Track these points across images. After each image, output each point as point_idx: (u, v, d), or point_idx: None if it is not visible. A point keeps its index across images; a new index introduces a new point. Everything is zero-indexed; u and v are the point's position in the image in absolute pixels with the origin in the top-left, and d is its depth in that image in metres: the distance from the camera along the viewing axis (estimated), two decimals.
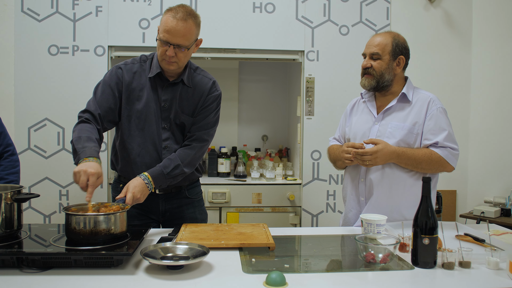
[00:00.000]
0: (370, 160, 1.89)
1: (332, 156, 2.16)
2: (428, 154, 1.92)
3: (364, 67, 2.02)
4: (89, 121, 1.84)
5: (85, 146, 1.69)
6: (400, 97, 2.01)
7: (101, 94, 1.90)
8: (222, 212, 3.19)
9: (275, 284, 1.25)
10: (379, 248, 1.48)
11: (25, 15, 3.01)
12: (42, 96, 3.03)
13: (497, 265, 1.42)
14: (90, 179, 1.59)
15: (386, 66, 1.99)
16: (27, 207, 3.05)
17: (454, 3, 3.33)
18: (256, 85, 3.98)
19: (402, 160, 1.92)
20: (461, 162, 3.40)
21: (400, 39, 2.04)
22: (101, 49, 3.06)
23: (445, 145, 1.92)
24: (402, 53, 2.02)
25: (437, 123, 1.94)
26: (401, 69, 2.03)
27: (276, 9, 3.18)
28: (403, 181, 1.96)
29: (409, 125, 1.96)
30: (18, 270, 1.37)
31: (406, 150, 1.92)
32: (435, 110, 1.96)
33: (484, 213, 2.96)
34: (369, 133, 2.03)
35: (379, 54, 1.98)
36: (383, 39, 2.01)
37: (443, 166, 1.94)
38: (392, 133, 1.96)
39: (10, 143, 2.39)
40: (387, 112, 2.02)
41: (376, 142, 1.90)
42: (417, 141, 1.96)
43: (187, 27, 1.80)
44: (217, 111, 2.03)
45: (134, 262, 1.45)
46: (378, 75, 1.99)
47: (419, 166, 1.93)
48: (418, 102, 1.99)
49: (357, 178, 2.06)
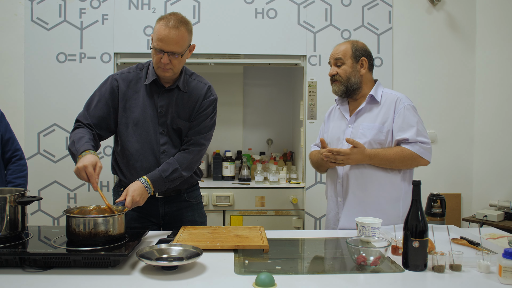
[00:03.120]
0: (343, 160, 1.98)
1: (314, 161, 2.25)
2: (400, 152, 2.00)
3: (331, 75, 2.14)
4: (81, 126, 1.93)
5: (78, 146, 1.79)
6: (369, 98, 2.11)
7: (95, 104, 1.97)
8: (226, 215, 3.23)
9: (263, 285, 1.29)
10: (370, 251, 1.50)
11: (34, 24, 3.10)
12: (51, 102, 3.12)
13: (488, 269, 1.44)
14: (87, 171, 1.68)
15: (350, 70, 2.09)
16: (37, 210, 3.13)
17: (457, 6, 3.33)
18: (260, 90, 4.02)
19: (375, 161, 2.01)
20: (466, 165, 3.41)
21: (358, 44, 2.15)
22: (107, 56, 3.14)
23: (415, 141, 2.00)
24: (363, 55, 2.12)
25: (405, 121, 2.02)
26: (365, 70, 2.11)
27: (278, 14, 3.23)
28: (379, 179, 2.04)
29: (379, 124, 2.05)
30: (20, 269, 1.43)
31: (379, 152, 2.01)
32: (402, 108, 2.04)
33: (487, 216, 2.95)
34: (343, 136, 2.12)
35: (342, 59, 2.10)
36: (343, 46, 2.13)
37: (417, 161, 2.02)
38: (364, 133, 2.06)
39: (18, 148, 2.48)
40: (358, 114, 2.11)
41: (356, 145, 1.97)
42: (388, 139, 2.04)
43: (180, 34, 1.85)
44: (214, 115, 2.07)
45: (131, 263, 1.50)
46: (345, 79, 2.09)
47: (393, 164, 2.02)
48: (386, 102, 2.08)
49: (335, 179, 2.14)
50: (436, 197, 2.94)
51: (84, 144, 1.80)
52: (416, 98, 3.33)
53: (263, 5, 3.23)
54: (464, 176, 3.39)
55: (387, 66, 3.29)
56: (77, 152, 1.78)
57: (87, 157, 1.73)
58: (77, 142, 1.82)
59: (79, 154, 1.76)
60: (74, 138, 1.86)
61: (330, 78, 2.15)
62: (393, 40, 3.29)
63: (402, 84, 3.32)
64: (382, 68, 3.28)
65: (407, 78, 3.33)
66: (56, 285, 1.32)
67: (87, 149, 1.78)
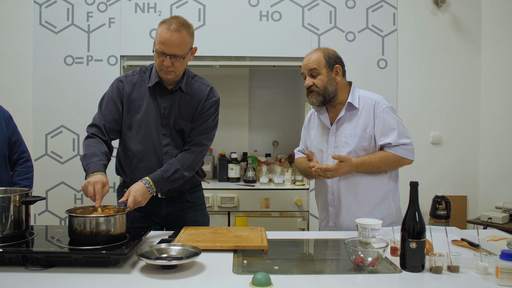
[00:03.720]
0: (331, 175, 2.00)
1: (301, 169, 2.25)
2: (384, 157, 2.02)
3: (307, 86, 2.09)
4: (94, 135, 1.96)
5: (90, 162, 1.82)
6: (347, 106, 2.09)
7: (105, 107, 2.02)
8: (231, 217, 3.25)
9: (260, 284, 1.30)
10: (367, 252, 1.51)
11: (43, 28, 3.16)
12: (58, 104, 3.17)
13: (485, 270, 1.43)
14: (95, 187, 1.71)
15: (326, 79, 2.07)
16: (44, 210, 3.18)
17: (462, 7, 3.32)
18: (266, 92, 4.04)
19: (362, 169, 2.03)
20: (471, 167, 3.38)
21: (330, 51, 2.12)
22: (114, 58, 3.18)
23: (398, 144, 2.02)
24: (336, 62, 2.10)
25: (385, 124, 2.03)
26: (340, 77, 2.10)
27: (282, 17, 3.24)
28: (368, 184, 2.06)
29: (360, 131, 2.05)
30: (23, 267, 1.46)
31: (364, 160, 2.02)
32: (381, 112, 2.05)
33: (491, 219, 2.93)
34: (327, 145, 2.12)
35: (317, 69, 2.06)
36: (315, 55, 2.09)
37: (401, 162, 2.05)
38: (347, 141, 2.06)
39: (25, 150, 2.52)
40: (339, 122, 2.11)
41: (343, 159, 1.97)
42: (371, 144, 2.06)
43: (181, 37, 1.88)
44: (216, 116, 2.10)
45: (131, 262, 1.53)
46: (322, 90, 2.07)
47: (379, 169, 2.04)
48: (365, 106, 2.08)
49: (325, 190, 2.15)
50: (441, 199, 2.95)
51: (96, 162, 1.83)
52: (421, 100, 3.34)
53: (267, 7, 3.25)
54: (470, 178, 3.36)
55: (392, 68, 3.29)
56: (88, 170, 1.81)
57: (98, 177, 1.76)
58: (90, 157, 1.85)
59: (90, 173, 1.79)
60: (87, 151, 1.89)
61: (306, 89, 2.11)
62: (397, 42, 3.29)
63: (407, 86, 3.31)
64: (386, 70, 3.28)
65: (411, 80, 3.32)
66: (57, 283, 1.34)
67: (99, 170, 1.81)
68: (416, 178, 2.17)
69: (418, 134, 3.29)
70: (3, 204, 1.57)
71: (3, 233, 1.57)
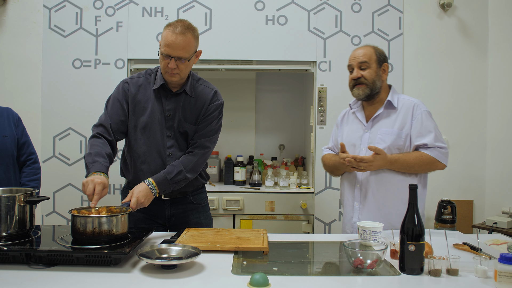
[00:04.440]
0: (365, 167, 2.00)
1: (329, 165, 2.26)
2: (419, 157, 2.02)
3: (355, 78, 2.11)
4: (100, 135, 1.99)
5: (94, 161, 1.84)
6: (386, 104, 2.12)
7: (111, 108, 2.05)
8: (236, 219, 3.26)
9: (257, 285, 1.31)
10: (367, 254, 1.51)
11: (52, 32, 3.22)
12: (67, 106, 3.22)
13: (485, 274, 1.43)
14: (96, 187, 1.72)
15: (375, 74, 2.10)
16: (52, 212, 3.23)
17: (469, 11, 3.31)
18: (273, 95, 4.06)
19: (395, 166, 2.03)
20: (478, 172, 3.36)
21: (380, 49, 2.16)
22: (121, 62, 3.23)
23: (434, 146, 2.02)
24: (385, 60, 2.14)
25: (423, 126, 2.05)
26: (387, 76, 2.14)
27: (288, 21, 3.26)
28: (397, 184, 2.05)
29: (397, 130, 2.07)
30: (26, 266, 1.49)
31: (399, 157, 2.02)
32: (420, 114, 2.07)
33: (496, 223, 2.90)
34: (361, 141, 2.13)
35: (367, 63, 2.09)
36: (366, 50, 2.12)
37: (435, 165, 2.04)
38: (382, 138, 2.07)
39: (33, 152, 2.57)
40: (376, 120, 2.12)
41: (378, 152, 1.99)
42: (406, 144, 2.06)
43: (186, 40, 1.91)
44: (219, 120, 2.12)
45: (133, 262, 1.55)
46: (371, 83, 2.09)
47: (412, 169, 2.04)
48: (403, 107, 2.10)
49: (353, 184, 2.14)
50: (447, 203, 2.93)
51: (100, 163, 1.85)
52: (427, 104, 3.27)
53: (273, 12, 3.27)
54: (477, 182, 3.34)
55: (398, 71, 3.28)
56: (92, 168, 1.82)
57: (101, 177, 1.77)
58: (95, 155, 1.87)
59: (93, 171, 1.81)
60: (92, 150, 1.91)
61: (354, 81, 2.12)
62: (403, 46, 3.28)
63: (413, 89, 3.30)
64: (392, 74, 3.27)
65: (418, 84, 3.31)
66: (59, 281, 1.37)
67: (102, 171, 1.82)
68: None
69: None
70: (8, 204, 1.60)
71: (8, 232, 1.60)
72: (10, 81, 3.25)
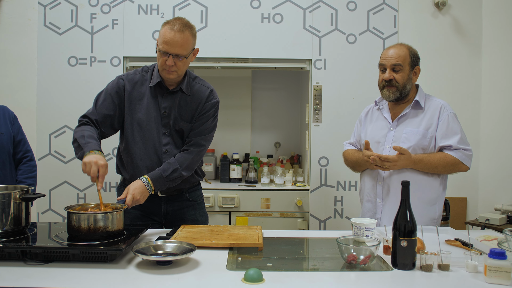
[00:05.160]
0: (389, 166, 2.02)
1: (351, 160, 2.27)
2: (443, 158, 2.04)
3: (388, 80, 2.09)
4: (89, 123, 1.99)
5: (88, 141, 1.83)
6: (414, 104, 2.13)
7: (102, 101, 2.05)
8: (232, 217, 3.27)
9: (252, 280, 1.33)
10: (360, 249, 1.53)
11: (47, 29, 3.22)
12: (62, 104, 3.22)
13: (475, 268, 1.45)
14: (100, 170, 1.73)
15: (407, 77, 2.10)
16: (47, 209, 3.23)
17: (463, 10, 3.33)
18: (269, 93, 4.07)
19: (419, 166, 2.05)
20: (471, 170, 3.34)
21: (414, 50, 2.15)
22: (117, 59, 3.23)
23: (458, 148, 2.04)
24: (418, 63, 2.14)
25: (449, 128, 2.06)
26: (417, 78, 2.14)
27: (284, 19, 3.28)
28: (420, 183, 2.06)
29: (423, 130, 2.07)
30: (22, 262, 1.50)
31: (423, 157, 2.04)
32: (446, 115, 2.08)
33: (489, 220, 2.94)
34: (385, 139, 2.14)
35: (401, 66, 2.08)
36: (401, 51, 2.10)
37: (458, 167, 2.06)
38: (408, 138, 2.08)
39: (29, 150, 2.58)
40: (402, 119, 2.13)
41: (403, 152, 2.01)
42: (431, 145, 2.08)
43: (184, 37, 1.92)
44: (215, 118, 2.13)
45: (128, 258, 1.56)
46: (401, 86, 2.09)
47: (436, 170, 2.05)
48: (430, 108, 2.11)
49: (375, 181, 2.16)
50: None
51: (95, 143, 1.84)
52: None
53: (269, 10, 3.28)
54: (470, 180, 3.37)
55: None
56: (87, 147, 1.80)
57: (102, 158, 1.76)
58: (88, 137, 1.86)
59: (90, 150, 1.78)
60: (84, 133, 1.89)
61: (386, 82, 2.10)
62: None
63: None
64: None
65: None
66: (55, 278, 1.38)
67: (99, 150, 1.82)
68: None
69: None
70: (3, 201, 1.61)
71: (3, 229, 1.61)
72: (5, 78, 3.25)
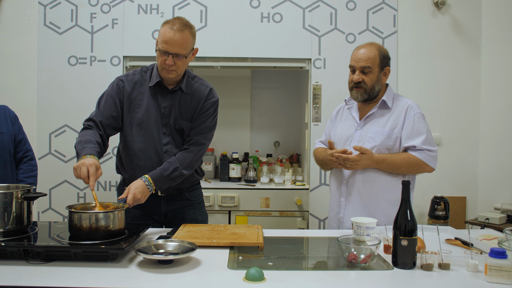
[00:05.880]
0: (351, 165, 2.03)
1: (319, 158, 2.27)
2: (406, 158, 2.03)
3: (356, 81, 2.09)
4: (91, 127, 1.99)
5: (84, 147, 1.85)
6: (381, 104, 2.13)
7: (104, 103, 2.06)
8: (231, 216, 3.28)
9: (253, 279, 1.33)
10: (360, 249, 1.53)
11: (47, 29, 3.22)
12: (62, 104, 3.23)
13: (476, 268, 1.46)
14: (89, 169, 1.73)
15: (376, 78, 2.09)
16: (48, 208, 3.23)
17: (462, 9, 3.34)
18: (268, 92, 4.07)
19: (382, 166, 2.05)
20: (471, 169, 3.40)
21: (384, 50, 2.13)
22: (117, 59, 3.23)
23: (422, 148, 2.03)
24: (388, 64, 2.13)
25: (414, 128, 2.05)
26: (387, 78, 2.14)
27: (283, 18, 3.28)
28: (383, 183, 2.07)
29: (388, 130, 2.08)
30: (24, 261, 1.50)
31: (386, 157, 2.04)
32: (412, 116, 2.07)
33: (489, 219, 2.95)
34: (352, 138, 2.15)
35: (370, 68, 2.07)
36: (371, 52, 2.08)
37: (422, 167, 2.05)
38: (372, 137, 2.08)
39: (30, 149, 2.58)
40: (368, 119, 2.14)
41: (364, 152, 2.02)
42: (396, 145, 2.07)
43: (184, 37, 1.93)
44: (214, 117, 2.14)
45: (130, 257, 1.57)
46: (370, 88, 2.09)
47: (399, 170, 2.05)
48: (397, 108, 2.11)
49: (339, 180, 2.17)
50: (440, 199, 2.95)
51: (91, 147, 1.85)
52: (421, 102, 3.32)
53: (268, 9, 3.29)
54: (469, 179, 3.38)
55: (392, 69, 3.23)
56: (82, 152, 1.82)
57: (91, 159, 1.77)
58: (84, 142, 1.88)
59: (83, 155, 1.81)
60: (82, 138, 1.92)
61: (354, 83, 2.10)
62: (397, 43, 3.31)
63: (407, 87, 3.33)
64: None
65: (412, 82, 3.35)
66: (57, 276, 1.38)
67: (92, 153, 1.82)
68: (416, 179, 2.20)
69: None
70: (5, 200, 1.61)
71: (5, 228, 1.61)
72: (6, 78, 3.25)
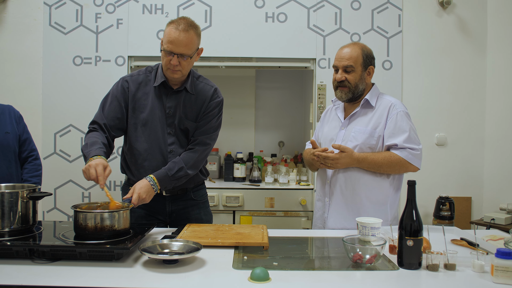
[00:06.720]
0: (332, 164, 2.03)
1: (306, 159, 2.28)
2: (388, 156, 2.02)
3: (339, 80, 2.10)
4: (96, 130, 2.00)
5: (90, 149, 1.86)
6: (364, 103, 2.12)
7: (109, 105, 2.06)
8: (236, 216, 3.28)
9: (258, 279, 1.33)
10: (365, 249, 1.53)
11: (52, 29, 3.23)
12: (67, 103, 3.24)
13: (482, 268, 1.45)
14: (97, 169, 1.75)
15: (359, 77, 2.09)
16: (53, 208, 3.25)
17: (468, 8, 3.32)
18: (272, 92, 4.07)
19: (363, 165, 2.04)
20: (476, 169, 3.38)
21: (368, 50, 2.13)
22: (122, 59, 3.24)
23: (404, 147, 2.01)
24: (371, 63, 2.12)
25: (396, 126, 2.04)
26: (371, 78, 2.13)
27: (288, 18, 3.28)
28: (367, 183, 2.06)
29: (371, 129, 2.07)
30: (30, 260, 1.51)
31: (367, 156, 2.03)
32: (395, 114, 2.06)
33: (494, 220, 2.93)
34: (336, 138, 2.14)
35: (352, 67, 2.07)
36: (354, 52, 2.08)
37: (405, 166, 2.03)
38: (355, 137, 2.08)
39: (34, 149, 2.59)
40: (352, 118, 2.13)
41: (344, 150, 2.01)
42: (378, 144, 2.06)
43: (189, 37, 1.93)
44: (219, 116, 2.14)
45: (135, 257, 1.57)
46: (353, 86, 2.09)
47: (381, 169, 2.04)
48: (380, 107, 2.10)
49: (324, 180, 2.18)
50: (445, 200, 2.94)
51: (96, 149, 1.87)
52: (426, 101, 3.35)
53: (273, 9, 3.28)
54: (475, 179, 3.36)
55: (397, 69, 3.30)
56: (89, 155, 1.85)
57: (99, 160, 1.79)
58: (90, 145, 1.90)
59: (90, 157, 1.83)
60: (88, 141, 1.94)
61: (338, 83, 2.10)
62: (402, 43, 3.30)
63: (412, 87, 3.32)
64: (391, 71, 3.29)
65: (417, 81, 3.33)
66: (62, 276, 1.39)
67: (99, 154, 1.84)
68: (420, 179, 2.20)
69: (422, 135, 3.28)
70: (11, 199, 1.62)
71: (11, 227, 1.62)
72: (11, 78, 3.26)
